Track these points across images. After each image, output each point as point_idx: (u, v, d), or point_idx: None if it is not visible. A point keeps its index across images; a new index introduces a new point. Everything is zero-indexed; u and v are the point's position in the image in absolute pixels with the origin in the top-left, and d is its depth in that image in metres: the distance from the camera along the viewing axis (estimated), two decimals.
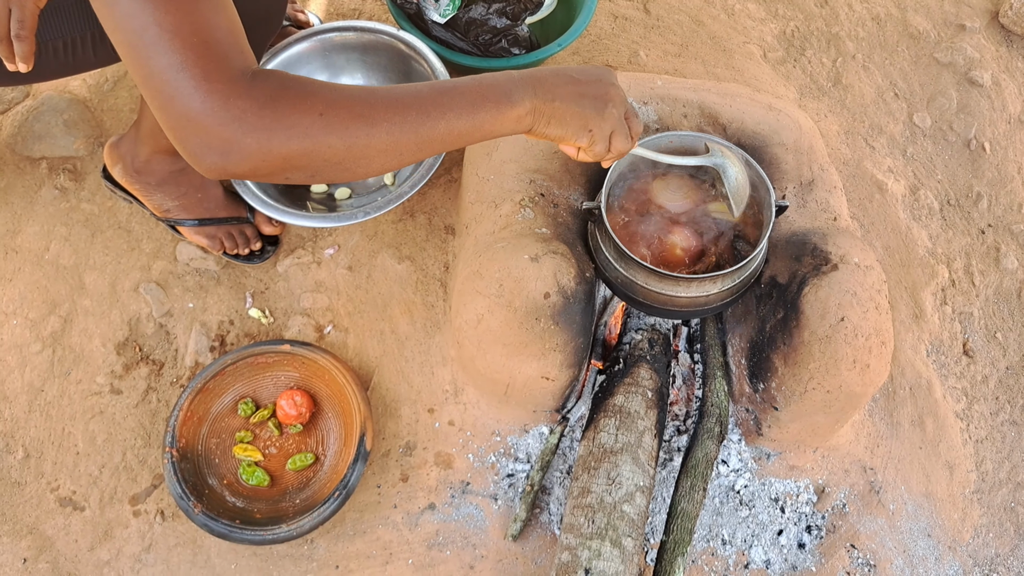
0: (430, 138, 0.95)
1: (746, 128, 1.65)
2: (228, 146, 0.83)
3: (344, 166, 0.91)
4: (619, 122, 1.11)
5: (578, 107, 1.06)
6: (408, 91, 0.94)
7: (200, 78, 0.81)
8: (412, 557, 1.58)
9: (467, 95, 0.97)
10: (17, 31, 1.11)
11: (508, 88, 1.00)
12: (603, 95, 1.09)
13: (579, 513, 1.45)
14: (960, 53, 2.36)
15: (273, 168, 0.87)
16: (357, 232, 1.86)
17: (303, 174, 0.90)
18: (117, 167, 1.71)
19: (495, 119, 0.99)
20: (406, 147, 0.93)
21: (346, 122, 0.88)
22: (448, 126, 0.95)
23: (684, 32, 2.31)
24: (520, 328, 1.46)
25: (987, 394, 1.93)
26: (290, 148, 0.86)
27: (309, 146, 0.86)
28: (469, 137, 0.98)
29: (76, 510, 1.60)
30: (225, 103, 0.82)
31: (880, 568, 1.64)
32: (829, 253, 1.51)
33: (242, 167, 0.85)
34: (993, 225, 2.16)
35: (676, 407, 1.71)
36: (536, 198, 1.59)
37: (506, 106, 0.99)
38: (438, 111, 0.94)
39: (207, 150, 0.84)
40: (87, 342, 1.73)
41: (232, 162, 0.85)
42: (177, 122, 0.83)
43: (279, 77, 0.86)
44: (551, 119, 1.05)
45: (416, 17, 1.92)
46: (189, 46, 0.81)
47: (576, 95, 1.06)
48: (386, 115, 0.91)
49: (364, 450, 1.57)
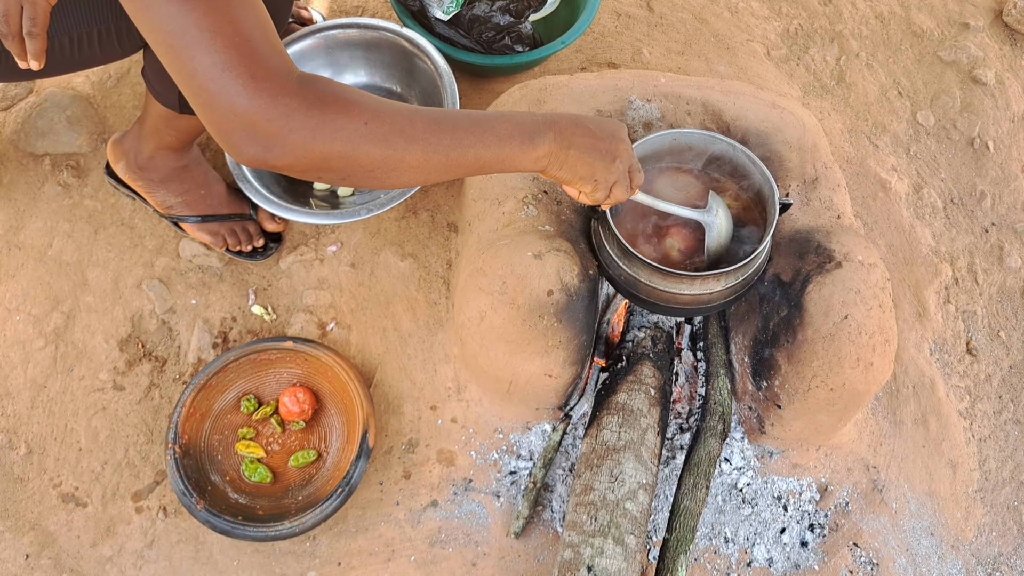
0: (458, 163, 1.01)
1: (750, 126, 1.65)
2: (273, 141, 0.88)
3: (375, 175, 0.97)
4: (623, 175, 1.20)
5: (589, 158, 1.14)
6: (446, 116, 1.00)
7: (247, 76, 0.85)
8: (414, 554, 1.58)
9: (497, 130, 1.04)
10: (29, 28, 1.12)
11: (533, 130, 1.07)
12: (613, 151, 1.17)
13: (582, 510, 1.45)
14: (964, 52, 2.35)
15: (310, 165, 0.92)
16: (360, 229, 1.86)
17: (336, 176, 0.94)
18: (120, 163, 1.71)
19: (517, 156, 1.06)
20: (435, 167, 1.00)
21: (387, 134, 0.93)
22: (476, 155, 1.02)
23: (687, 30, 2.31)
24: (523, 325, 1.46)
25: (990, 393, 1.93)
26: (331, 149, 0.90)
27: (349, 151, 0.91)
28: (491, 168, 1.06)
29: (78, 506, 1.60)
30: (273, 100, 0.86)
31: (883, 567, 1.64)
32: (833, 251, 1.51)
33: (283, 160, 0.90)
34: (997, 224, 2.16)
35: (679, 405, 1.70)
36: (539, 195, 1.59)
37: (529, 146, 1.07)
38: (470, 139, 1.01)
39: (251, 143, 0.88)
40: (90, 338, 1.73)
41: (274, 155, 0.89)
42: (223, 117, 0.86)
43: (325, 81, 0.91)
44: (563, 164, 1.12)
45: (419, 14, 1.91)
46: (232, 45, 0.84)
47: (590, 147, 1.13)
48: (424, 135, 0.97)
49: (367, 447, 1.57)
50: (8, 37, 1.11)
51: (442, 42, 1.88)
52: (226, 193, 1.78)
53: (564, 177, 1.15)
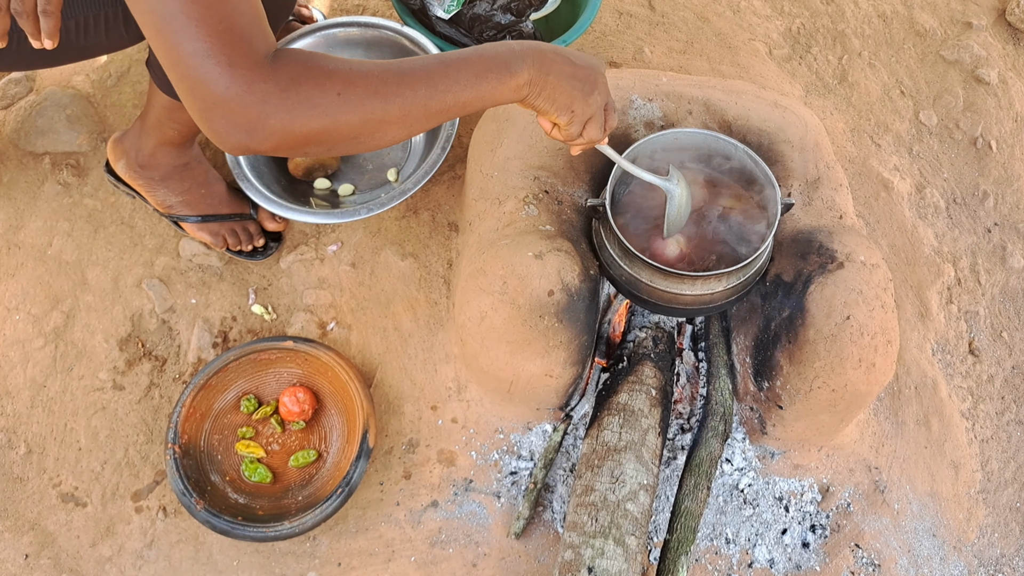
0: (438, 109, 1.01)
1: (752, 125, 1.64)
2: (253, 126, 0.88)
3: (359, 140, 0.98)
4: (598, 111, 1.19)
5: (568, 86, 1.12)
6: (417, 65, 1.00)
7: (225, 64, 0.85)
8: (415, 554, 1.57)
9: (472, 66, 1.03)
10: (44, 7, 1.12)
11: (509, 59, 1.07)
12: (592, 81, 1.16)
13: (582, 511, 1.44)
14: (967, 51, 2.35)
15: (294, 144, 0.93)
16: (360, 229, 1.85)
17: (321, 148, 0.95)
18: (121, 162, 1.71)
19: (496, 88, 1.05)
20: (416, 119, 1.00)
21: (362, 99, 0.94)
22: (455, 97, 1.02)
23: (689, 29, 2.30)
24: (524, 325, 1.45)
25: (993, 393, 1.93)
26: (311, 127, 0.91)
27: (329, 124, 0.92)
28: (473, 106, 1.05)
29: (78, 506, 1.60)
30: (249, 87, 0.86)
31: (884, 568, 1.64)
32: (835, 251, 1.50)
33: (266, 144, 0.91)
34: (999, 224, 2.15)
35: (680, 405, 1.70)
36: (540, 195, 1.58)
37: (507, 76, 1.06)
38: (445, 83, 1.00)
39: (233, 130, 0.89)
40: (89, 338, 1.72)
41: (256, 140, 0.90)
42: (204, 104, 0.87)
43: (298, 57, 0.91)
44: (542, 91, 1.11)
45: (420, 13, 1.91)
46: (215, 33, 0.85)
47: (570, 75, 1.12)
48: (398, 90, 0.97)
49: (367, 447, 1.57)
50: (23, 15, 1.12)
51: (443, 41, 1.87)
52: (226, 192, 1.78)
53: (542, 106, 1.13)
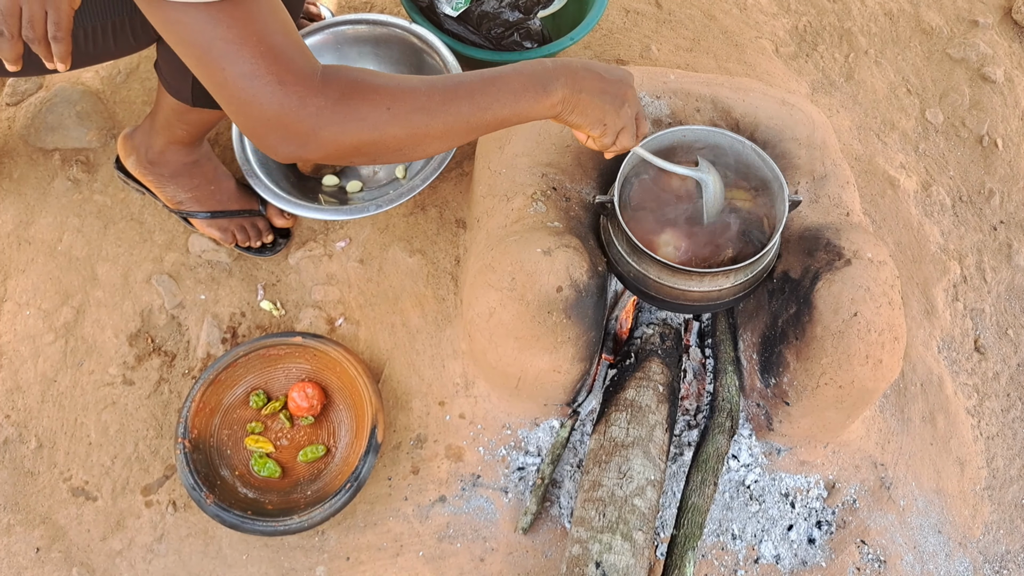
0: (479, 125, 1.06)
1: (759, 122, 1.65)
2: (306, 140, 0.93)
3: (403, 152, 1.03)
4: (630, 121, 1.24)
5: (600, 101, 1.17)
6: (462, 82, 1.05)
7: (275, 83, 0.89)
8: (423, 549, 1.58)
9: (511, 85, 1.08)
10: (54, 32, 1.14)
11: (545, 79, 1.11)
12: (622, 95, 1.21)
13: (590, 506, 1.45)
14: (973, 49, 2.35)
15: (343, 155, 0.98)
16: (368, 225, 1.86)
17: (367, 158, 1.01)
18: (131, 158, 1.72)
19: (533, 107, 1.11)
20: (458, 133, 1.05)
21: (409, 114, 0.99)
22: (495, 114, 1.07)
23: (696, 27, 2.31)
24: (532, 322, 1.46)
25: (998, 391, 1.93)
26: (360, 139, 0.96)
27: (377, 137, 0.97)
28: (510, 122, 1.10)
29: (88, 500, 1.61)
30: (302, 103, 0.91)
31: (890, 564, 1.64)
32: (842, 248, 1.51)
33: (316, 154, 0.96)
34: (1005, 221, 2.16)
35: (687, 401, 1.71)
36: (548, 192, 1.59)
37: (543, 96, 1.11)
38: (487, 101, 1.05)
39: (286, 144, 0.94)
40: (100, 333, 1.73)
41: (308, 151, 0.95)
42: (257, 122, 0.92)
43: (347, 74, 0.96)
44: (575, 108, 1.15)
45: (428, 10, 1.91)
46: (258, 54, 0.88)
47: (600, 91, 1.17)
48: (443, 106, 1.01)
49: (376, 442, 1.57)
50: (35, 42, 1.14)
51: (451, 38, 1.88)
52: (235, 189, 1.79)
53: (576, 122, 1.18)
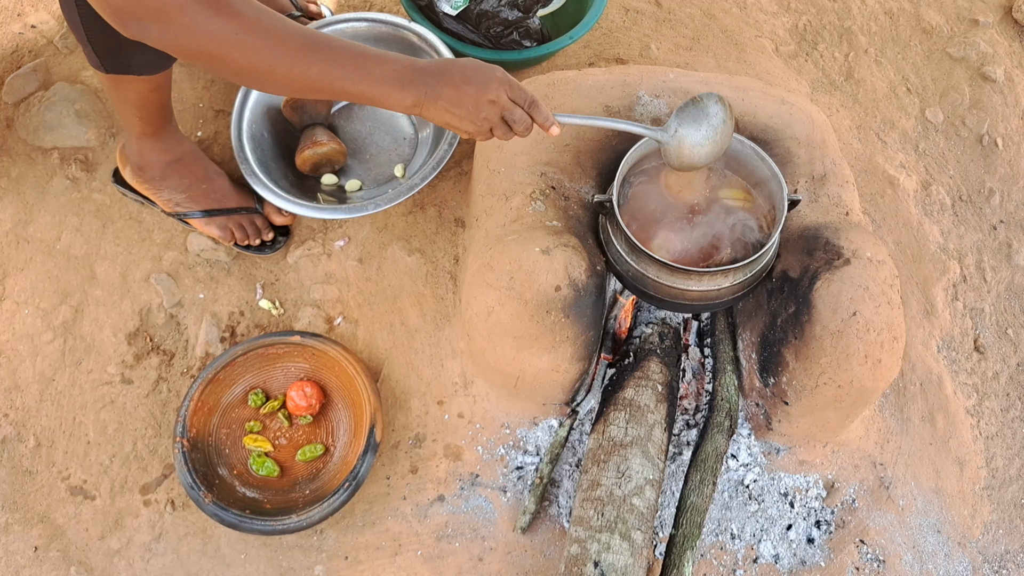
0: (325, 88, 1.11)
1: (759, 122, 1.65)
2: (155, 19, 0.99)
3: (242, 78, 1.08)
4: (496, 122, 1.24)
5: (455, 109, 1.20)
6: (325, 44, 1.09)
7: None
8: (421, 548, 1.58)
9: (373, 71, 1.13)
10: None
11: (405, 79, 1.16)
12: (478, 100, 1.21)
13: (588, 506, 1.45)
14: (973, 48, 2.34)
15: (183, 55, 1.02)
16: (367, 224, 1.86)
17: (205, 67, 1.10)
18: (126, 168, 1.75)
19: (389, 98, 1.16)
20: (300, 86, 1.09)
21: (255, 47, 1.03)
22: (343, 87, 1.12)
23: (696, 26, 2.30)
24: (530, 321, 1.46)
25: (998, 390, 1.93)
26: (201, 49, 1.01)
27: (216, 53, 1.02)
28: (362, 101, 1.17)
29: (87, 499, 1.61)
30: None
31: (889, 564, 1.64)
32: (841, 248, 1.51)
33: (158, 43, 1.00)
34: (1005, 221, 2.15)
35: (686, 401, 1.70)
36: (547, 191, 1.59)
37: (398, 93, 1.16)
38: (340, 73, 1.10)
39: (136, 16, 0.98)
40: (98, 332, 1.73)
41: (151, 34, 0.99)
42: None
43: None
44: (433, 115, 1.21)
45: (427, 9, 1.91)
46: None
47: (456, 100, 1.20)
48: (292, 57, 1.06)
49: (374, 441, 1.57)
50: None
51: (450, 37, 1.87)
52: (230, 186, 1.78)
53: (437, 122, 1.23)
